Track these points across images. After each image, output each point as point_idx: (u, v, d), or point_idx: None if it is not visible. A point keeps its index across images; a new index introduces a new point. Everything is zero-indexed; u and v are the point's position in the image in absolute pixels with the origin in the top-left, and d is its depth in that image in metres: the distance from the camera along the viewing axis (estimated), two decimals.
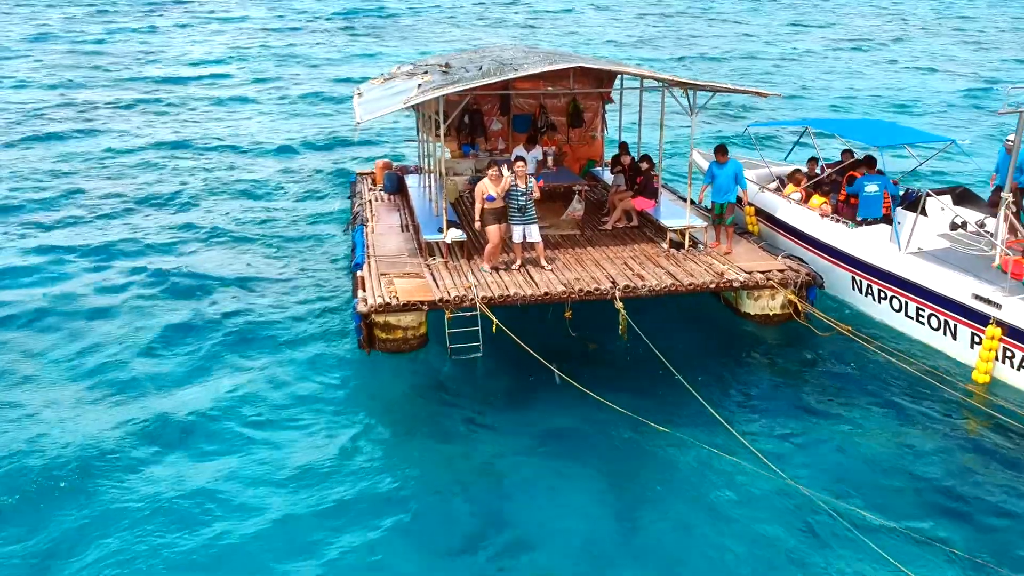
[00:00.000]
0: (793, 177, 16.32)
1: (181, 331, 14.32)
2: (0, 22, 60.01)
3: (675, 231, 15.08)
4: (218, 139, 27.80)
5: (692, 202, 15.51)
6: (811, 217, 15.17)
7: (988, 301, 12.11)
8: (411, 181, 18.77)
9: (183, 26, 59.48)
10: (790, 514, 9.70)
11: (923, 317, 13.24)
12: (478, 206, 13.80)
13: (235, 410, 11.86)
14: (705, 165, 17.81)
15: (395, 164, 20.89)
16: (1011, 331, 11.80)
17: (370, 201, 18.70)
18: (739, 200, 15.13)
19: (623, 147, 17.50)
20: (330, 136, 28.82)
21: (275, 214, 20.73)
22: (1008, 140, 13.97)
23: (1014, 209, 13.61)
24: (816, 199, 15.45)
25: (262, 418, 11.71)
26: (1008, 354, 11.97)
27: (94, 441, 11.04)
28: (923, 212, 14.27)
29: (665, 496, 10.11)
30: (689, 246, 14.90)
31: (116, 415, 11.67)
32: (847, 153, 16.05)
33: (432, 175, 17.12)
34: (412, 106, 16.15)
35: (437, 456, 10.86)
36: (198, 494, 10.01)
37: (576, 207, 16.12)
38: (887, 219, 14.50)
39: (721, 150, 14.74)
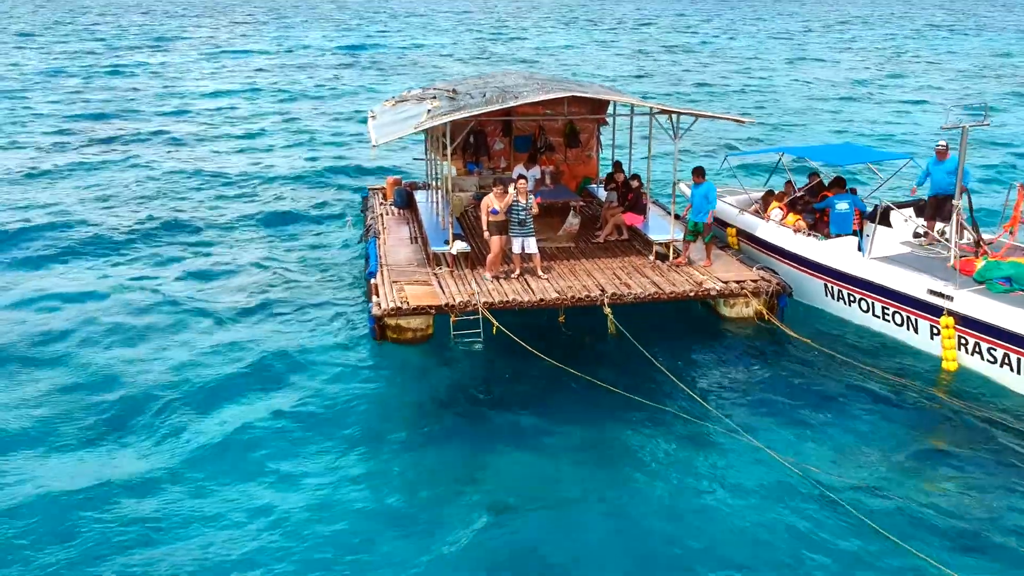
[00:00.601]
0: (768, 199, 17.74)
1: (216, 323, 15.80)
2: (12, 57, 62.10)
3: (660, 244, 16.48)
4: (235, 166, 29.21)
5: (677, 217, 16.89)
6: (787, 233, 16.55)
7: (941, 295, 13.51)
8: (420, 196, 20.23)
9: (194, 60, 61.53)
10: (760, 473, 11.06)
11: (888, 315, 14.62)
12: (484, 219, 15.22)
13: (261, 398, 13.18)
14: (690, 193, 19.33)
15: (404, 181, 22.33)
16: (962, 319, 13.19)
17: (381, 215, 20.15)
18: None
19: (617, 166, 18.94)
20: (341, 158, 30.45)
21: (293, 229, 22.18)
22: (939, 145, 15.40)
23: (965, 216, 15.01)
24: (791, 217, 16.84)
25: (287, 403, 13.06)
26: (962, 341, 13.33)
27: (139, 424, 12.42)
28: (887, 223, 15.67)
29: (647, 456, 11.60)
30: (674, 255, 16.29)
31: (169, 411, 12.98)
32: (813, 175, 17.47)
33: (439, 191, 18.57)
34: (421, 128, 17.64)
35: (432, 442, 12.16)
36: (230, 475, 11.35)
37: (572, 221, 17.53)
38: (859, 236, 15.91)
39: (698, 172, 16.13)
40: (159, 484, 11.03)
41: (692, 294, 14.97)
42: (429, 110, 16.79)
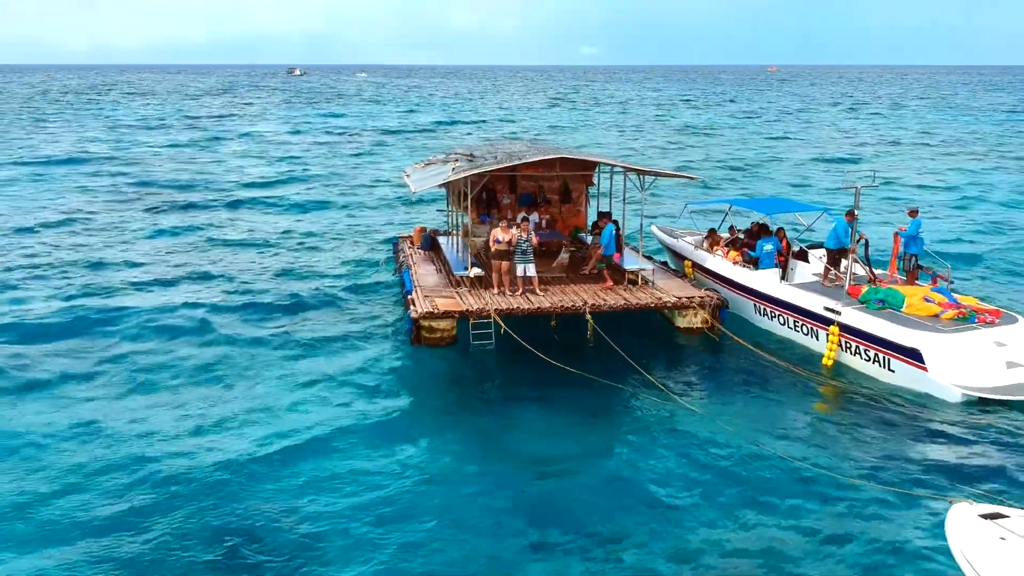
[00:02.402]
0: (711, 236, 22.71)
1: (282, 336, 20.43)
2: (51, 137, 68.04)
3: (632, 272, 21.28)
4: (284, 229, 34.09)
5: (647, 257, 21.71)
6: (728, 265, 21.39)
7: (832, 310, 18.22)
8: (442, 240, 25.13)
9: (240, 136, 67.51)
10: (700, 429, 15.40)
11: (798, 326, 19.32)
12: (492, 246, 20.06)
13: (319, 389, 17.48)
14: (662, 236, 24.45)
15: (428, 229, 27.22)
16: (845, 328, 17.88)
17: (410, 255, 25.02)
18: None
19: (601, 215, 23.87)
20: (374, 216, 35.58)
21: (338, 268, 27.01)
22: (849, 216, 20.16)
23: (864, 260, 19.79)
24: (732, 253, 21.69)
25: (340, 390, 17.53)
26: (845, 344, 18.00)
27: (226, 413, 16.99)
28: (805, 260, 20.51)
29: (618, 422, 15.96)
30: (640, 282, 21.06)
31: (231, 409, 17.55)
32: (755, 224, 22.38)
33: (458, 237, 23.43)
34: (445, 185, 22.67)
35: (455, 413, 16.64)
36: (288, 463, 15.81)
37: (563, 256, 22.41)
38: (783, 269, 20.71)
39: (605, 215, 20.99)
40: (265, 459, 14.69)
41: (653, 305, 19.74)
42: (453, 168, 21.85)
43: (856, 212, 19.68)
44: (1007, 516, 10.37)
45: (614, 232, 21.14)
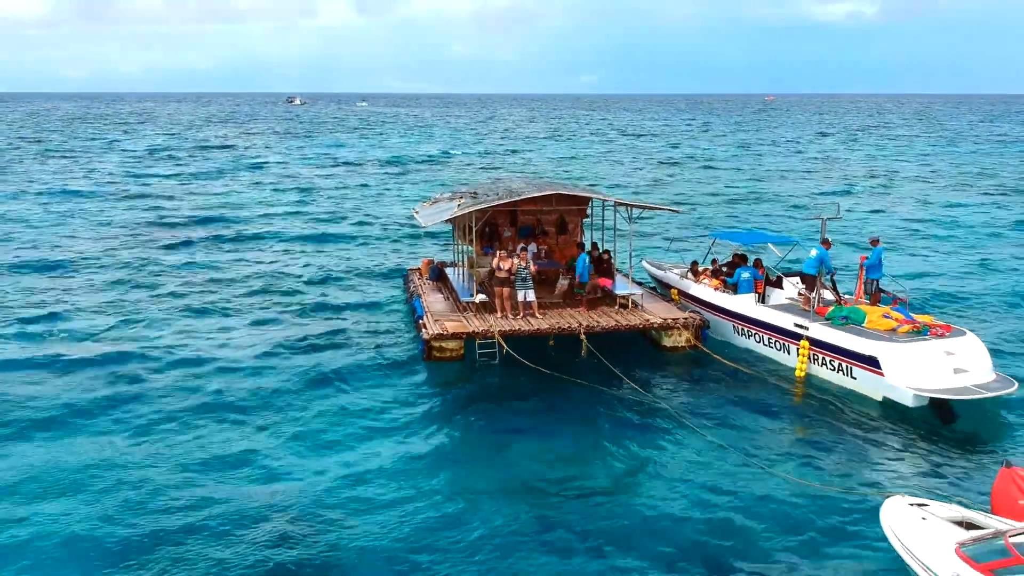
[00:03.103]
0: (694, 267, 24.92)
1: (308, 354, 22.54)
2: (64, 168, 70.52)
3: (623, 297, 23.41)
4: (300, 260, 36.31)
5: (638, 283, 23.85)
6: (710, 291, 23.53)
7: (801, 326, 20.36)
8: (449, 271, 27.29)
9: (250, 167, 69.95)
10: (684, 436, 17.43)
11: (773, 342, 21.43)
12: (495, 274, 22.20)
13: (335, 407, 19.41)
14: (652, 269, 26.68)
15: (435, 261, 29.37)
16: (813, 342, 20.00)
17: (420, 285, 27.16)
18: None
19: (594, 246, 26.05)
20: (386, 250, 37.85)
21: (354, 296, 29.14)
22: (823, 243, 22.33)
23: (831, 285, 21.93)
24: (713, 280, 23.84)
25: (364, 400, 19.63)
26: (813, 356, 20.11)
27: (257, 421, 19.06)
28: (780, 286, 22.68)
29: (609, 427, 17.97)
30: (632, 305, 23.18)
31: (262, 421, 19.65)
32: (735, 255, 24.55)
33: (463, 267, 25.59)
34: (451, 220, 24.89)
35: (465, 418, 18.72)
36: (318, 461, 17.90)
37: (561, 283, 24.52)
38: (761, 295, 22.85)
39: (579, 246, 23.12)
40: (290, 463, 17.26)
41: (642, 326, 21.87)
42: (459, 204, 24.06)
43: (830, 240, 21.92)
44: (927, 505, 12.54)
45: (587, 261, 23.31)
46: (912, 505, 12.55)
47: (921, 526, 11.77)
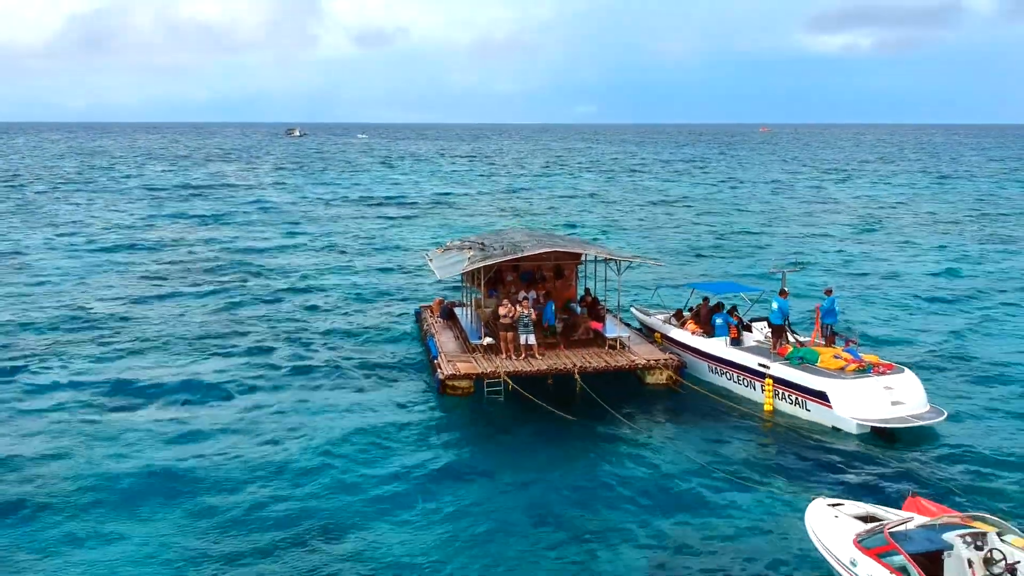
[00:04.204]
0: (679, 313, 28.27)
1: (332, 389, 25.79)
2: (76, 209, 73.89)
3: (612, 339, 26.72)
4: (318, 296, 39.89)
5: (627, 324, 27.17)
6: (688, 335, 26.90)
7: (764, 366, 23.70)
8: (458, 311, 30.64)
9: (261, 208, 73.34)
10: (664, 459, 20.65)
11: (740, 380, 24.75)
12: (500, 320, 25.52)
13: (366, 431, 22.72)
14: (639, 315, 30.05)
15: (445, 300, 32.72)
16: (775, 379, 23.32)
17: (432, 323, 30.47)
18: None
19: (587, 291, 29.43)
20: (398, 287, 41.24)
21: (373, 333, 32.45)
22: (781, 294, 25.65)
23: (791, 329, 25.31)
24: (691, 325, 27.20)
25: (387, 428, 22.87)
26: (778, 393, 23.42)
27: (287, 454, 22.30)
28: (749, 330, 26.06)
29: (600, 454, 21.22)
30: (620, 346, 26.48)
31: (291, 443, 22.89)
32: (706, 300, 27.91)
33: (471, 308, 28.94)
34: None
35: (477, 445, 22.01)
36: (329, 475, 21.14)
37: (557, 327, 27.84)
38: (734, 340, 26.16)
39: (547, 296, 26.46)
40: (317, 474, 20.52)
41: (628, 366, 25.19)
42: (469, 258, 27.46)
43: (786, 291, 25.35)
44: (842, 504, 15.85)
45: (554, 308, 26.91)
46: (830, 505, 15.84)
47: (832, 522, 15.05)
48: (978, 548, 13.66)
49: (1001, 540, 13.74)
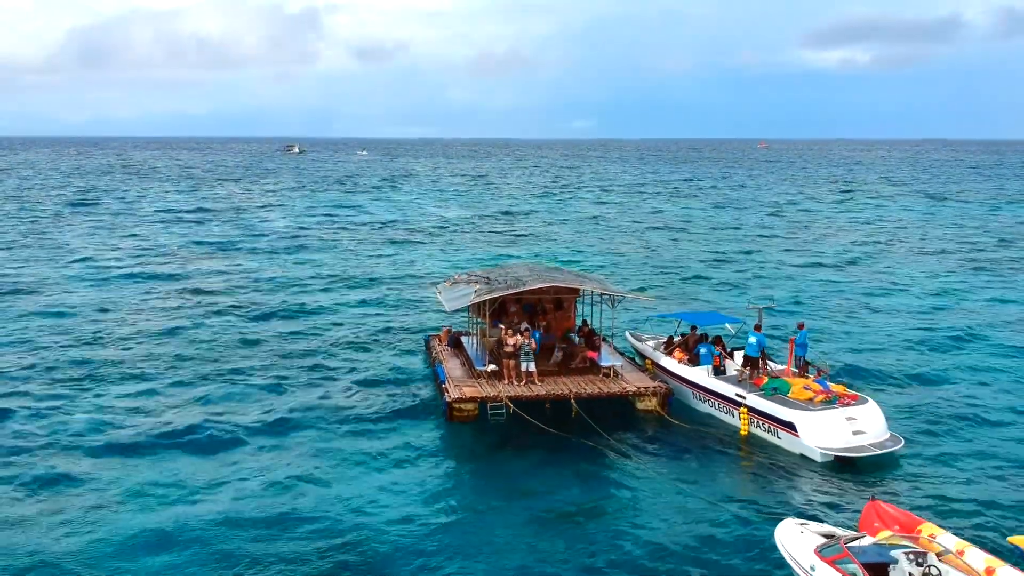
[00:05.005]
0: (668, 342, 30.82)
1: (346, 413, 28.26)
2: (87, 234, 76.40)
3: (606, 368, 29.23)
4: (331, 323, 42.37)
5: (620, 353, 29.67)
6: (675, 363, 29.41)
7: (741, 395, 26.21)
8: (464, 340, 33.17)
9: (267, 234, 75.80)
10: (649, 480, 23.14)
11: (721, 407, 27.25)
12: (504, 348, 28.04)
13: (378, 449, 25.22)
14: (633, 341, 32.59)
15: (453, 329, 35.23)
16: (750, 408, 25.83)
17: (440, 351, 32.98)
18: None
19: (584, 323, 31.97)
20: (407, 315, 43.81)
21: (384, 358, 34.98)
22: (756, 328, 28.14)
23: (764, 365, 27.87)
24: (678, 353, 29.73)
25: (396, 451, 25.31)
26: (753, 421, 25.92)
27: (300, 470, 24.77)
28: (732, 358, 28.61)
29: (592, 470, 23.65)
30: (613, 374, 28.96)
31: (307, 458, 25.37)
32: (693, 329, 30.45)
33: (477, 337, 31.48)
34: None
35: (481, 464, 24.48)
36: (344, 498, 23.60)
37: (556, 355, 30.38)
38: (717, 368, 28.66)
39: (526, 330, 29.00)
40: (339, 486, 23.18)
41: (619, 393, 27.70)
42: (476, 291, 30.02)
43: (760, 326, 27.95)
44: (808, 524, 18.36)
45: (539, 336, 29.45)
46: (797, 524, 18.34)
47: (798, 537, 17.55)
48: (919, 565, 16.29)
49: (939, 560, 16.32)
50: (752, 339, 27.65)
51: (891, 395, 29.64)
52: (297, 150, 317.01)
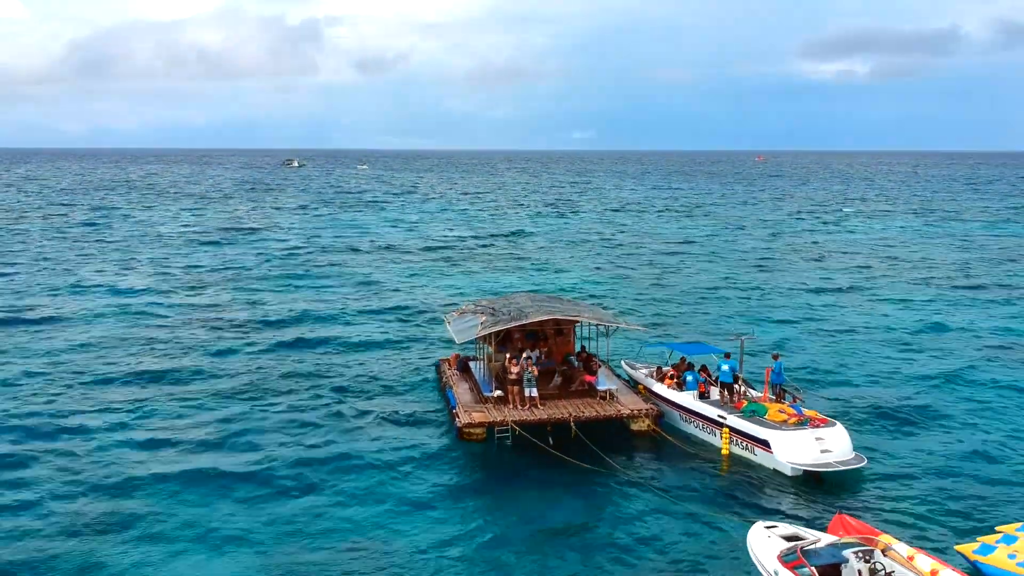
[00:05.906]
0: (659, 370, 33.81)
1: (363, 436, 31.16)
2: (96, 258, 79.12)
3: (603, 391, 32.16)
4: (341, 345, 45.31)
5: (617, 376, 32.62)
6: (665, 388, 32.37)
7: (723, 417, 29.18)
8: (472, 365, 36.13)
9: (273, 254, 78.60)
10: (642, 495, 26.06)
11: (706, 428, 30.19)
12: (509, 375, 30.99)
13: (391, 473, 28.18)
14: (627, 368, 35.58)
15: (461, 355, 38.16)
16: (731, 429, 28.78)
17: (450, 375, 35.91)
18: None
19: (582, 348, 34.95)
20: (418, 340, 46.76)
21: (397, 383, 37.88)
22: (726, 356, 31.13)
23: (743, 389, 30.81)
24: (667, 380, 32.69)
25: (412, 470, 28.21)
26: (733, 440, 28.84)
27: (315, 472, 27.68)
28: (716, 384, 31.62)
29: (591, 488, 26.55)
30: (609, 397, 31.88)
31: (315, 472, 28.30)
32: (683, 359, 33.43)
33: (483, 362, 34.46)
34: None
35: (490, 482, 27.39)
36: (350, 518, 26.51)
37: (556, 379, 33.32)
38: (702, 394, 31.57)
39: (513, 360, 31.87)
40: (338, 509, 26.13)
41: (615, 415, 30.65)
42: (482, 323, 33.00)
43: (731, 354, 31.03)
44: (776, 527, 21.25)
45: (540, 357, 32.42)
46: (766, 527, 21.22)
47: (765, 541, 20.41)
48: (866, 561, 19.12)
49: (884, 555, 19.16)
50: (724, 367, 30.72)
51: (859, 419, 32.55)
52: (296, 164, 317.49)
